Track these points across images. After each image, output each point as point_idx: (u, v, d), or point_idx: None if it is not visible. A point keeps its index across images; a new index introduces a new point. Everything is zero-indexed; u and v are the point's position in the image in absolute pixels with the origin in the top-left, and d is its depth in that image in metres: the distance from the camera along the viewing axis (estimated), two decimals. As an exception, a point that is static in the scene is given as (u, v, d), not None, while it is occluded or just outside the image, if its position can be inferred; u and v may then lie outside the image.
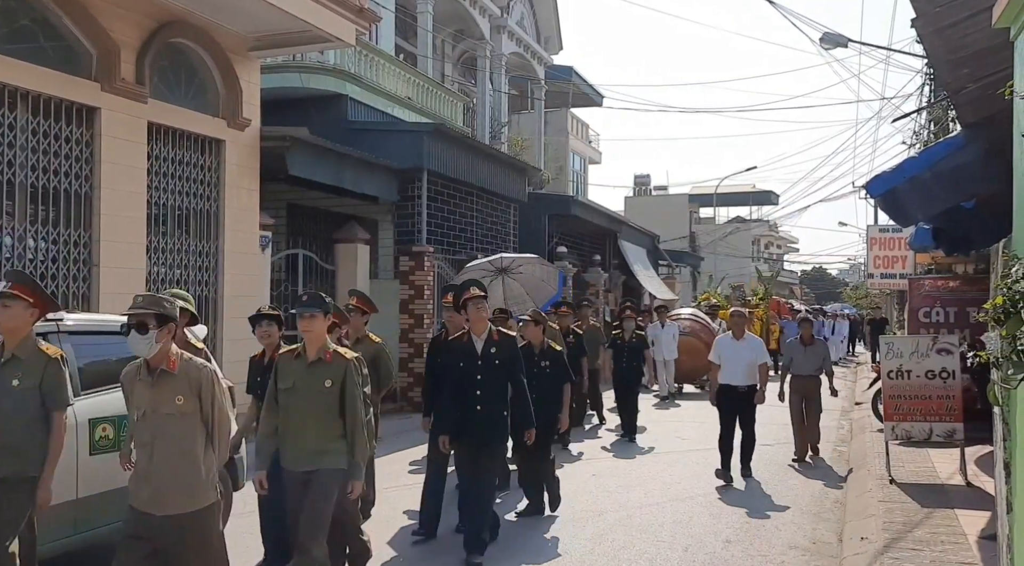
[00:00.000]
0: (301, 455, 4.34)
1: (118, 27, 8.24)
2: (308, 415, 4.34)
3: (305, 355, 4.42)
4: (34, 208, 7.67)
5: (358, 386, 4.42)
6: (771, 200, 52.00)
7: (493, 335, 5.57)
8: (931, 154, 6.97)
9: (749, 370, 7.95)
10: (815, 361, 9.09)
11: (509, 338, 5.73)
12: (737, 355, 8.00)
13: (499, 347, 5.57)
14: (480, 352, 5.55)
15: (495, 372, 5.55)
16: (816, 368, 9.08)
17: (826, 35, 13.60)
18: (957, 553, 5.29)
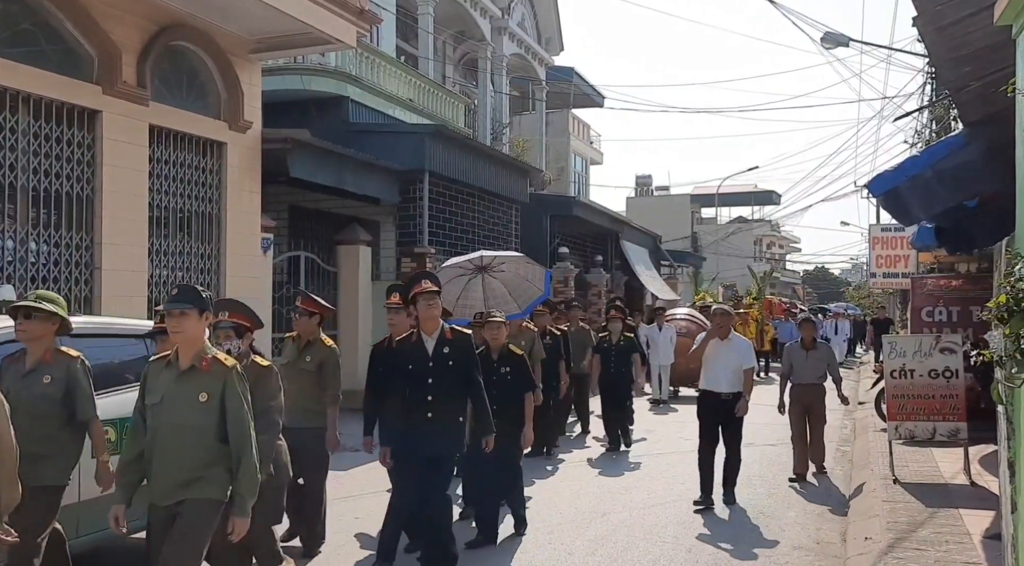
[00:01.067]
0: (168, 486, 3.59)
1: (119, 30, 8.25)
2: (178, 436, 3.58)
3: (177, 362, 3.66)
4: (35, 211, 7.68)
5: (244, 400, 3.67)
6: (773, 200, 51.97)
7: (446, 334, 5.04)
8: (933, 153, 6.96)
9: (733, 375, 6.94)
10: (818, 367, 8.10)
11: (463, 336, 5.17)
12: (720, 357, 6.99)
13: (453, 347, 5.03)
14: (431, 353, 4.99)
15: (449, 375, 4.99)
16: (819, 375, 8.12)
17: (827, 34, 13.58)
18: (961, 553, 5.27)
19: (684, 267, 30.80)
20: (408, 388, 5.00)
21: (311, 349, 5.63)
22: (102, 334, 5.13)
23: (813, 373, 8.14)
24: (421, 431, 4.94)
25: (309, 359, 5.57)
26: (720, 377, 6.98)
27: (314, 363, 5.56)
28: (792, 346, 8.46)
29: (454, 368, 5.01)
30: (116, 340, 5.22)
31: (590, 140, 32.84)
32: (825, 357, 8.21)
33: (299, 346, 5.69)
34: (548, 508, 6.91)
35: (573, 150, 30.02)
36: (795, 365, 8.21)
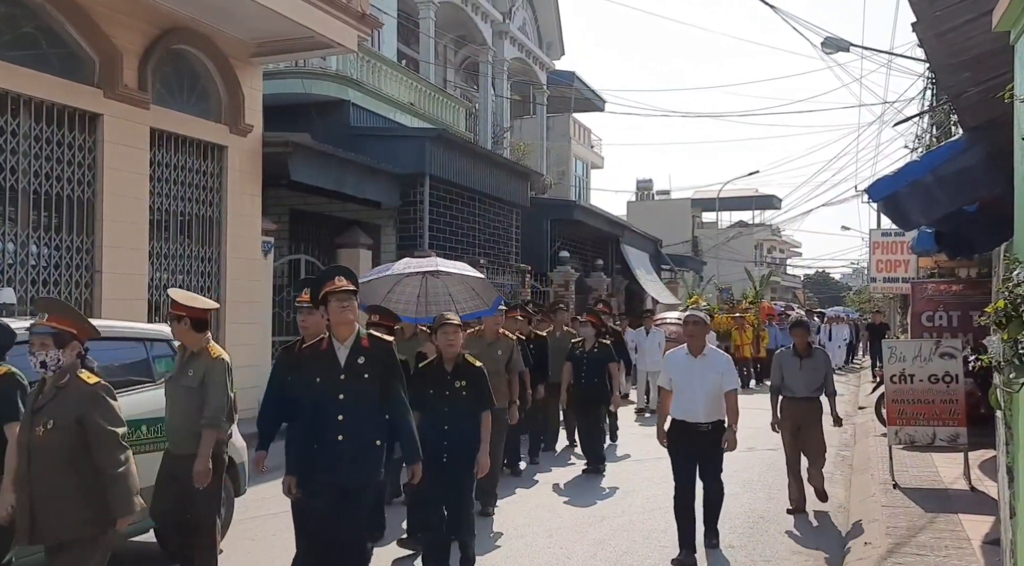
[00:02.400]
0: None
1: (121, 34, 8.27)
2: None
3: None
4: (37, 214, 7.69)
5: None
6: (774, 204, 52.00)
7: (362, 340, 4.24)
8: (932, 158, 6.97)
9: (712, 400, 5.57)
10: (813, 378, 6.87)
11: (382, 344, 4.34)
12: (694, 378, 5.58)
13: (369, 356, 4.22)
14: (344, 363, 4.17)
15: (364, 390, 4.18)
16: (815, 388, 6.88)
17: (828, 40, 13.60)
18: (961, 558, 5.26)
19: (685, 271, 30.81)
20: (315, 405, 4.17)
21: (195, 362, 4.67)
22: (103, 337, 5.13)
23: (807, 385, 6.87)
24: (331, 456, 4.11)
25: (192, 373, 4.63)
26: (696, 403, 5.57)
27: (197, 378, 4.61)
28: (783, 353, 7.15)
29: (370, 382, 4.20)
30: (116, 343, 5.24)
31: (591, 144, 32.87)
32: (822, 365, 6.97)
33: (182, 358, 4.76)
34: (547, 512, 6.91)
35: (574, 154, 30.04)
36: (786, 375, 6.93)
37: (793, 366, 6.93)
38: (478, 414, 5.15)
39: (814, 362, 6.95)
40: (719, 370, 5.64)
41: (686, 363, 5.68)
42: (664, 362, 5.96)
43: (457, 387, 5.14)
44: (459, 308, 7.27)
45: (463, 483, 5.14)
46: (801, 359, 6.92)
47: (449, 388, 5.14)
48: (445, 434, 5.02)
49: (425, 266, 7.42)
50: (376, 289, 7.33)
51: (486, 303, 7.53)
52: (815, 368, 6.93)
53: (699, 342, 5.72)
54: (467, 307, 7.43)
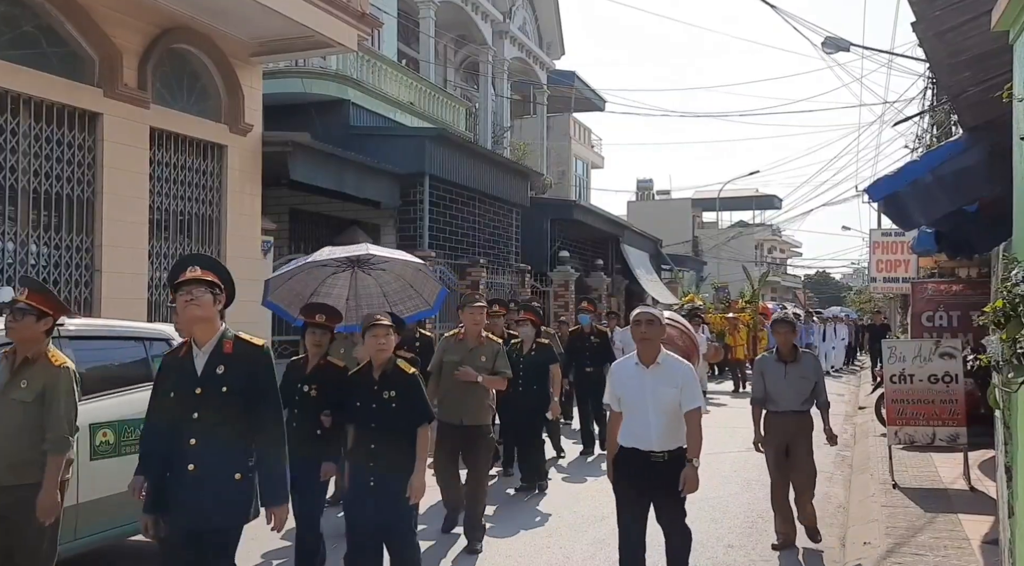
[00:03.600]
0: None
1: (120, 33, 8.27)
2: None
3: None
4: (36, 213, 7.70)
5: None
6: (774, 204, 52.01)
7: (224, 346, 3.44)
8: (932, 158, 6.97)
9: (668, 421, 4.39)
10: (801, 387, 5.79)
11: (250, 350, 3.48)
12: (646, 393, 4.41)
13: (231, 365, 3.42)
14: (200, 373, 3.41)
15: (223, 407, 3.38)
16: (803, 399, 5.80)
17: (828, 39, 13.60)
18: (960, 558, 5.26)
19: (685, 271, 30.81)
20: (170, 424, 3.43)
21: (29, 371, 3.86)
22: (102, 337, 5.14)
23: (794, 396, 5.80)
24: (179, 490, 3.38)
25: (25, 385, 3.83)
26: (648, 426, 4.38)
27: (32, 391, 3.83)
28: (764, 359, 6.08)
29: (231, 397, 3.39)
30: (116, 342, 5.24)
31: (591, 144, 32.87)
32: (811, 372, 5.87)
33: (11, 365, 3.91)
34: (547, 512, 6.91)
35: (574, 154, 30.05)
36: (769, 385, 5.88)
37: (777, 373, 5.83)
38: (412, 430, 4.42)
39: (801, 368, 5.82)
40: (677, 383, 4.40)
41: (636, 375, 4.46)
42: (610, 375, 4.71)
43: (386, 398, 4.41)
44: (396, 311, 6.20)
45: (397, 512, 4.32)
46: (786, 365, 5.80)
47: (376, 400, 4.41)
48: (372, 454, 4.31)
49: (353, 251, 6.30)
50: (296, 290, 6.36)
51: (427, 302, 6.66)
52: (803, 375, 5.80)
53: (652, 348, 4.44)
54: (405, 309, 6.44)
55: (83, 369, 4.91)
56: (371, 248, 6.29)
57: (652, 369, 4.45)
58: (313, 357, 5.13)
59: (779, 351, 5.93)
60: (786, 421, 5.81)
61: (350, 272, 6.46)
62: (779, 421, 5.84)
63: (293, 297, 6.35)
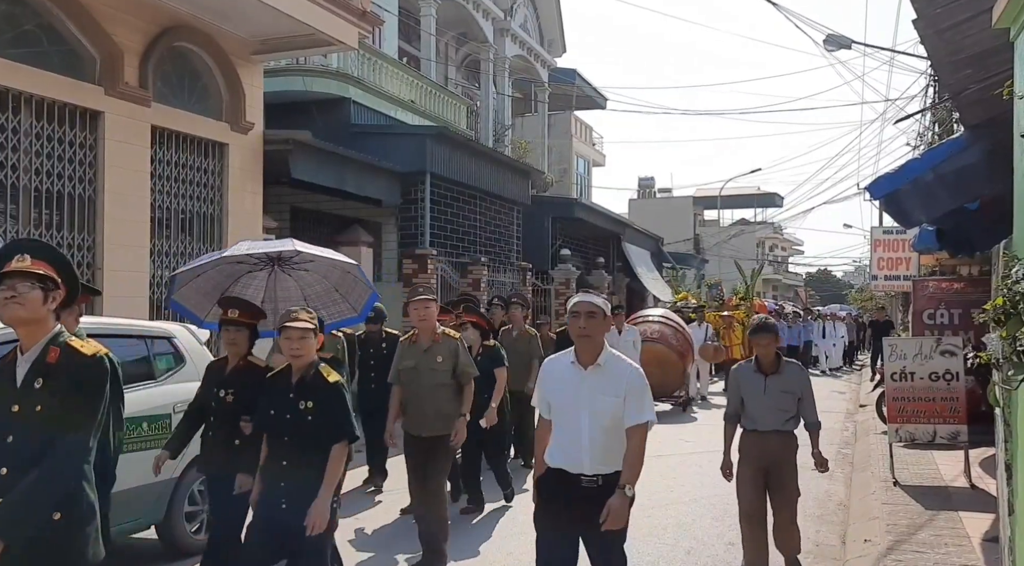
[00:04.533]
0: None
1: (121, 32, 8.28)
2: None
3: None
4: (38, 212, 7.71)
5: None
6: (775, 202, 51.97)
7: (49, 353, 2.81)
8: (933, 156, 6.97)
9: (606, 437, 3.55)
10: (784, 404, 4.93)
11: (79, 360, 2.83)
12: (581, 401, 3.59)
13: (53, 377, 2.79)
14: (20, 384, 2.81)
15: (36, 425, 2.75)
16: (788, 417, 4.94)
17: (830, 37, 13.58)
18: (961, 555, 5.27)
19: (686, 269, 30.80)
20: None
21: None
22: (104, 335, 5.14)
23: (776, 414, 4.93)
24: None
25: None
26: (580, 442, 3.53)
27: None
28: (741, 368, 5.19)
29: (45, 415, 2.75)
30: (117, 341, 5.24)
31: (592, 142, 32.86)
32: (796, 386, 4.97)
33: None
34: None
35: (575, 152, 30.03)
36: (747, 399, 5.03)
37: (755, 387, 4.96)
38: (327, 447, 3.85)
39: (785, 381, 4.93)
40: (620, 390, 3.51)
41: (570, 378, 3.58)
42: (540, 374, 3.81)
43: (302, 409, 3.87)
44: (324, 316, 5.39)
45: (306, 539, 3.76)
46: (766, 377, 4.95)
47: (291, 410, 3.89)
48: (283, 472, 3.83)
49: (276, 247, 5.52)
50: (204, 290, 5.45)
51: (353, 308, 5.75)
52: (787, 389, 4.92)
53: (592, 346, 3.56)
54: (328, 314, 5.64)
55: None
56: (297, 244, 5.35)
57: (591, 372, 3.55)
58: (232, 358, 4.62)
59: (759, 361, 5.01)
60: (766, 443, 4.88)
61: (268, 271, 5.60)
62: (757, 443, 4.91)
63: (200, 297, 5.41)
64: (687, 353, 13.53)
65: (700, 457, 9.20)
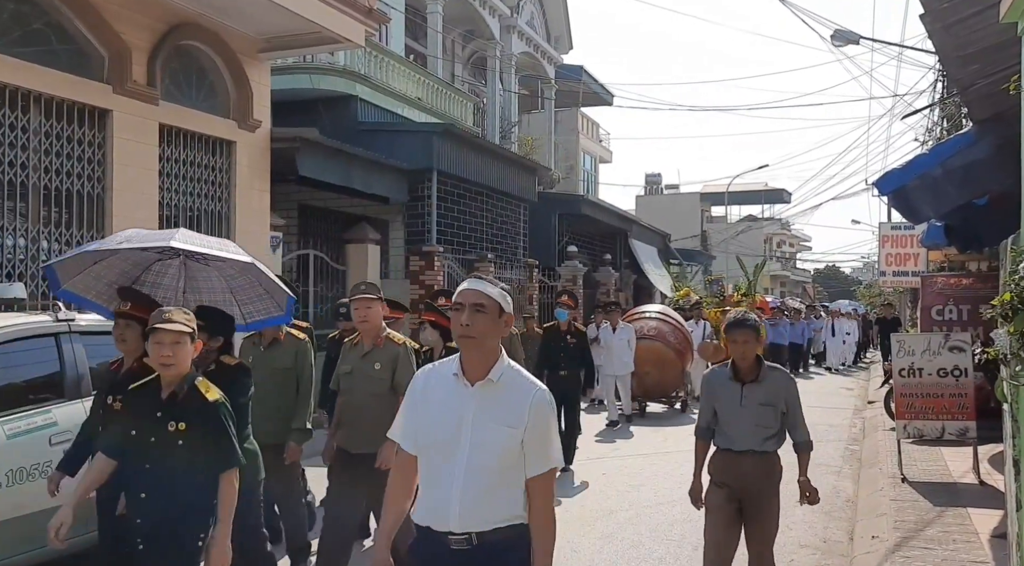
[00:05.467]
0: None
1: (129, 30, 8.31)
2: None
3: None
4: (47, 210, 7.75)
5: None
6: (783, 198, 51.87)
7: None
8: (941, 151, 6.95)
9: (489, 485, 2.48)
10: (764, 418, 4.06)
11: None
12: (462, 431, 2.50)
13: None
14: None
15: None
16: (769, 434, 4.08)
17: (837, 32, 13.55)
18: (969, 552, 5.26)
19: (693, 266, 30.75)
20: None
21: None
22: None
23: (755, 430, 4.05)
24: None
25: None
26: (451, 488, 2.48)
27: None
28: (716, 375, 4.24)
29: None
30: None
31: (599, 138, 32.83)
32: (780, 397, 4.07)
33: None
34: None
35: (582, 148, 30.01)
36: (721, 413, 4.15)
37: (730, 397, 4.06)
38: (213, 476, 3.26)
39: (766, 391, 4.02)
40: (519, 420, 2.50)
41: (451, 396, 2.57)
42: (409, 389, 2.70)
43: (171, 432, 3.22)
44: (245, 311, 4.91)
45: None
46: (743, 385, 4.03)
47: (157, 431, 3.24)
48: (141, 505, 3.24)
49: (155, 240, 4.48)
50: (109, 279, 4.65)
51: (279, 306, 4.89)
52: (768, 401, 4.02)
53: (480, 352, 2.55)
54: (255, 310, 4.94)
55: (94, 364, 4.96)
56: (177, 241, 4.23)
57: (481, 388, 2.52)
58: (126, 358, 3.99)
59: (735, 366, 4.07)
60: (741, 465, 4.03)
61: (179, 261, 4.77)
62: (731, 465, 4.06)
63: (104, 286, 4.64)
64: (686, 351, 12.95)
65: (707, 453, 9.20)
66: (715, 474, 4.17)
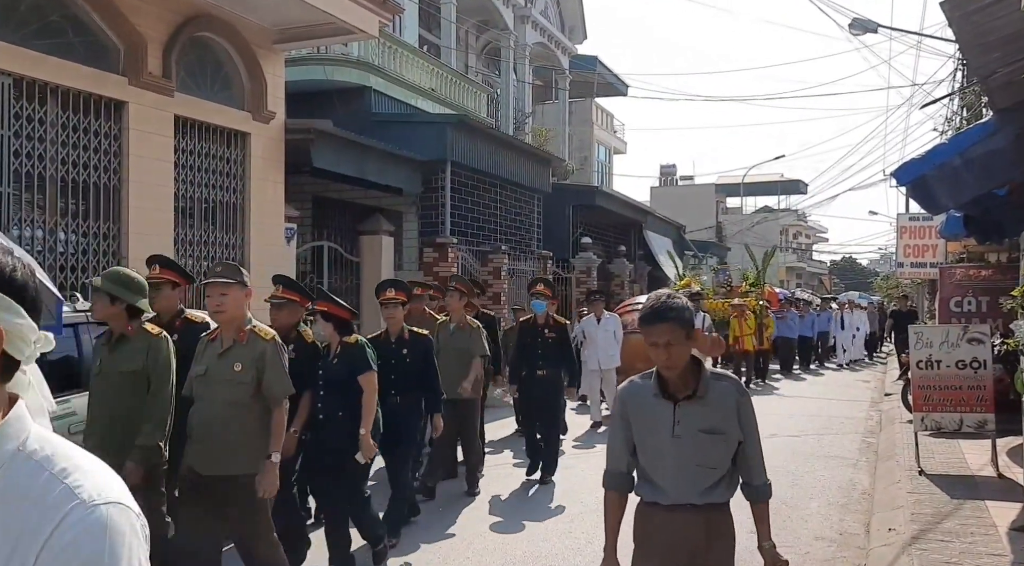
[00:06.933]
0: None
1: (145, 22, 8.33)
2: None
3: None
4: (64, 201, 7.80)
5: None
6: (799, 189, 51.51)
7: None
8: (961, 140, 6.85)
9: None
10: (707, 455, 2.70)
11: None
12: None
13: None
14: None
15: None
16: (715, 480, 2.72)
17: (855, 21, 13.42)
18: (987, 545, 5.21)
19: (708, 257, 30.62)
20: None
21: None
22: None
23: (694, 474, 2.72)
24: None
25: None
26: None
27: None
28: (634, 390, 2.88)
29: None
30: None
31: (613, 129, 32.70)
32: (727, 420, 2.73)
33: None
34: (569, 497, 6.93)
35: (596, 139, 29.91)
36: (645, 447, 2.79)
37: (657, 422, 2.74)
38: None
39: (709, 411, 2.72)
40: None
41: None
42: None
43: None
44: None
45: None
46: (675, 405, 2.73)
47: None
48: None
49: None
50: None
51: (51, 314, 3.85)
52: (714, 426, 2.71)
53: None
54: None
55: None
56: None
57: None
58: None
59: (660, 377, 2.76)
60: (677, 525, 2.73)
61: None
62: (665, 526, 2.76)
63: None
64: None
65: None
66: (640, 542, 2.83)
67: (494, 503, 6.85)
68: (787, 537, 5.81)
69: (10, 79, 7.21)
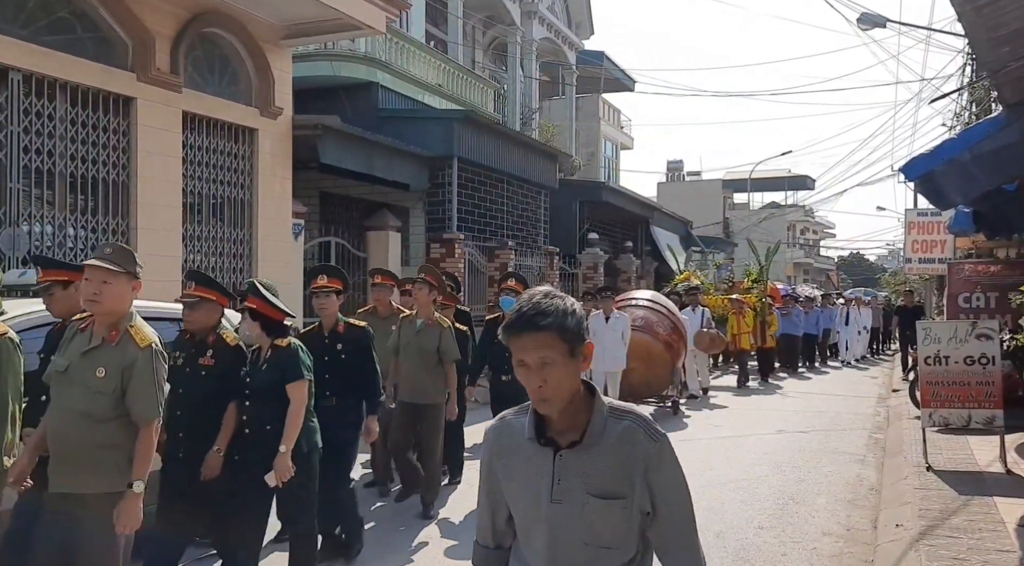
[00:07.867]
0: None
1: (153, 18, 8.36)
2: None
3: None
4: (73, 197, 7.83)
5: None
6: (807, 185, 51.30)
7: None
8: (970, 136, 6.82)
9: None
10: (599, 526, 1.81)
11: None
12: None
13: None
14: None
15: None
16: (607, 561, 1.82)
17: (864, 15, 13.36)
18: (995, 541, 5.20)
19: (715, 253, 30.55)
20: None
21: None
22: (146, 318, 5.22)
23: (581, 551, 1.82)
24: None
25: None
26: None
27: None
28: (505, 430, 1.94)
29: None
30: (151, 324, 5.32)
31: (620, 125, 32.63)
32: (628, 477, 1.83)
33: None
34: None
35: (603, 135, 29.85)
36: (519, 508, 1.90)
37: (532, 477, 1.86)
38: None
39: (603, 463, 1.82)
40: None
41: None
42: None
43: None
44: None
45: None
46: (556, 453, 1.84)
47: None
48: None
49: None
50: None
51: None
52: (610, 488, 1.82)
53: None
54: None
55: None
56: None
57: None
58: None
59: (536, 414, 1.87)
60: None
61: None
62: None
63: None
64: (677, 344, 11.28)
65: (730, 442, 9.17)
66: None
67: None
68: (794, 532, 5.81)
69: (20, 75, 7.24)
